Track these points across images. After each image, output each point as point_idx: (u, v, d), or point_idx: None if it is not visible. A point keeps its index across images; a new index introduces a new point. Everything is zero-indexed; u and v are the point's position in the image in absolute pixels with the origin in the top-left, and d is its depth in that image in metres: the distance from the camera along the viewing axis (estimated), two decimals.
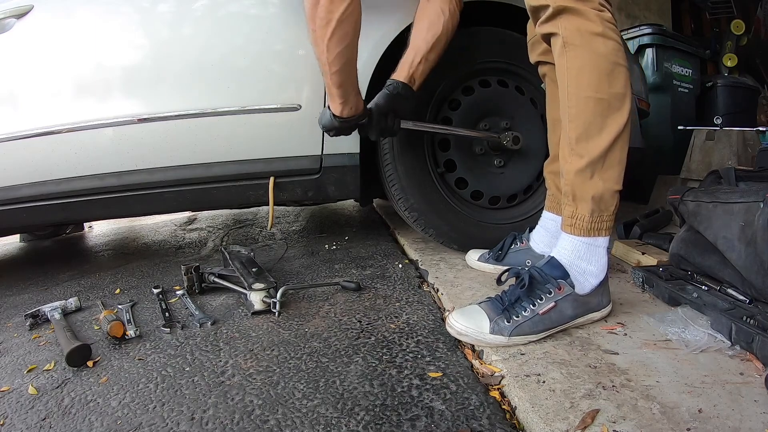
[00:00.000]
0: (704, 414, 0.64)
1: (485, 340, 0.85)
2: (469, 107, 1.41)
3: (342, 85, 1.12)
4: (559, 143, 0.95)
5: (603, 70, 0.86)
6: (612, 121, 0.87)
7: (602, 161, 0.88)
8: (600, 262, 0.92)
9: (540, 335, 0.87)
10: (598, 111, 0.87)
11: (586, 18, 0.86)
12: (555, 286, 0.88)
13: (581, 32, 0.86)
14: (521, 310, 0.86)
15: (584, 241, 0.91)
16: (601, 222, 0.91)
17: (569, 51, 0.87)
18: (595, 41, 0.86)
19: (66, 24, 1.37)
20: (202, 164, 1.41)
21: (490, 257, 1.28)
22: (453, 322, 0.89)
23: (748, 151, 1.78)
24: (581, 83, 0.87)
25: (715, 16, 3.23)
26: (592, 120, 0.87)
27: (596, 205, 0.90)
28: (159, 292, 1.32)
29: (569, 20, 0.86)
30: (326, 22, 1.03)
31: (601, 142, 0.87)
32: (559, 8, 0.86)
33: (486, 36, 1.43)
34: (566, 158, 0.92)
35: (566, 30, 0.87)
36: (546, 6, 0.88)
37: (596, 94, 0.86)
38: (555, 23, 0.88)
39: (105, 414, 0.79)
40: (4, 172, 1.40)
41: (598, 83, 0.86)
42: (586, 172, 0.89)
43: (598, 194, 0.89)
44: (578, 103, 0.88)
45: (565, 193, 0.93)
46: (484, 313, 0.88)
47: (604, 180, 0.89)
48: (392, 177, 1.38)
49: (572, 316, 0.89)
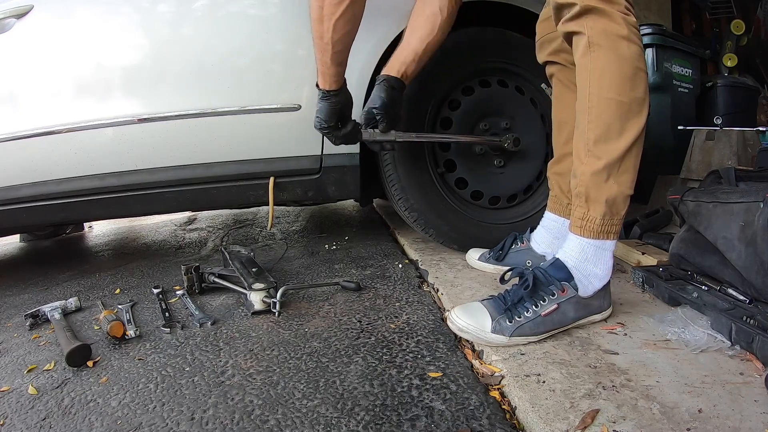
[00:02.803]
0: (704, 414, 0.64)
1: (486, 338, 0.86)
2: (469, 107, 1.41)
3: (342, 64, 1.15)
4: (574, 144, 0.94)
5: (626, 74, 0.86)
6: (631, 125, 0.87)
7: (619, 165, 0.88)
8: (606, 265, 0.92)
9: (540, 336, 0.87)
10: (618, 114, 0.86)
11: (612, 20, 0.85)
12: (558, 288, 0.88)
13: (607, 33, 0.85)
14: (523, 310, 0.86)
15: (593, 244, 0.91)
16: (611, 225, 0.91)
17: (594, 51, 0.86)
18: (620, 44, 0.85)
19: (66, 24, 1.37)
20: (203, 164, 1.41)
21: (491, 257, 1.28)
22: (455, 318, 0.89)
23: (748, 151, 1.78)
24: (603, 84, 0.86)
25: (715, 16, 3.23)
26: (613, 122, 0.87)
27: (609, 208, 0.90)
28: (159, 292, 1.32)
29: (595, 20, 0.86)
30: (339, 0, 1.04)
31: (620, 145, 0.87)
32: (587, 7, 0.85)
33: (486, 36, 1.43)
34: (582, 159, 0.91)
35: (592, 30, 0.86)
36: (573, 4, 0.86)
37: (618, 97, 0.86)
38: (580, 22, 0.87)
39: (105, 414, 0.79)
40: (5, 172, 1.40)
41: (620, 86, 0.86)
42: (602, 174, 0.88)
43: (612, 197, 0.89)
44: (600, 103, 0.87)
45: (577, 194, 0.92)
46: (486, 311, 0.88)
47: (618, 183, 0.89)
48: (392, 177, 1.38)
49: (574, 318, 0.89)
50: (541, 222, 1.25)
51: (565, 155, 1.17)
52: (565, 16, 0.89)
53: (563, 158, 1.19)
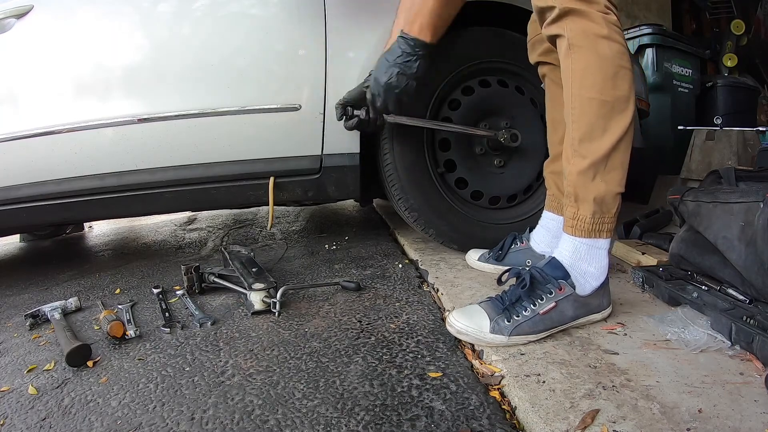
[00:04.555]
0: (704, 414, 0.64)
1: (485, 339, 0.86)
2: (469, 107, 1.41)
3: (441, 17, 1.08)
4: (563, 144, 0.95)
5: (607, 73, 0.87)
6: (615, 123, 0.87)
7: (605, 163, 0.89)
8: (600, 263, 0.92)
9: (540, 335, 0.87)
10: (601, 113, 0.87)
11: (591, 20, 0.86)
12: (556, 287, 0.88)
13: (586, 34, 0.86)
14: (521, 309, 0.87)
15: (585, 243, 0.92)
16: (602, 224, 0.91)
17: (574, 52, 0.88)
18: (600, 43, 0.86)
19: (66, 24, 1.37)
20: (203, 164, 1.41)
21: (491, 257, 1.28)
22: (453, 321, 0.90)
23: (748, 151, 1.78)
24: (585, 84, 0.88)
25: (715, 16, 3.23)
26: (595, 121, 0.88)
27: (598, 207, 0.90)
28: (159, 292, 1.32)
29: (575, 22, 0.87)
30: None
31: (603, 143, 0.88)
32: (565, 10, 0.86)
33: (486, 36, 1.43)
34: (569, 159, 0.92)
35: (572, 31, 0.87)
36: (552, 7, 0.88)
37: (600, 96, 0.87)
38: (560, 25, 0.88)
39: (105, 414, 0.79)
40: (5, 172, 1.40)
41: (602, 85, 0.87)
42: (588, 173, 0.89)
43: (600, 196, 0.90)
44: (582, 104, 0.88)
45: (567, 194, 0.94)
46: (484, 312, 0.88)
47: (606, 182, 0.90)
48: (392, 177, 1.38)
49: (572, 317, 0.90)
50: (540, 221, 1.25)
51: (560, 154, 1.15)
52: (546, 19, 0.91)
53: (558, 157, 1.18)
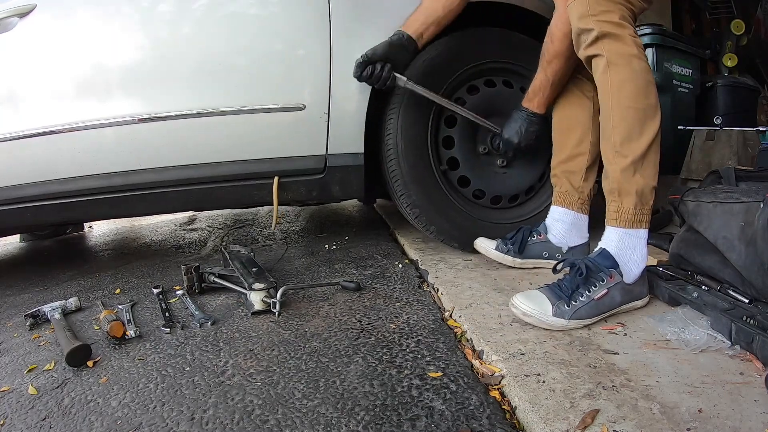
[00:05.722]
0: (704, 414, 0.64)
1: (547, 321, 0.92)
2: (474, 106, 1.41)
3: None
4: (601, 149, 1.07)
5: (640, 85, 1.01)
6: (648, 127, 1.01)
7: (642, 160, 1.01)
8: (642, 251, 1.02)
9: (593, 319, 0.94)
10: (637, 118, 1.01)
11: (624, 42, 1.00)
12: (607, 275, 0.97)
13: (621, 54, 1.01)
14: (579, 296, 0.94)
15: (629, 233, 1.02)
16: (642, 214, 1.02)
17: (612, 69, 1.01)
18: (633, 61, 1.01)
19: (68, 23, 1.37)
20: (207, 164, 1.41)
21: (511, 249, 1.28)
22: (518, 303, 0.94)
23: (748, 151, 1.77)
24: (623, 96, 1.01)
25: (715, 16, 3.23)
26: (633, 126, 1.01)
27: (639, 199, 1.01)
28: (159, 292, 1.32)
29: (611, 44, 1.01)
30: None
31: (641, 143, 1.00)
32: (603, 33, 1.00)
33: (494, 36, 1.43)
34: (611, 160, 1.04)
35: (609, 52, 1.01)
36: (590, 29, 1.01)
37: (635, 105, 1.01)
38: (598, 46, 1.01)
39: (105, 414, 0.79)
40: (9, 172, 1.40)
41: (636, 96, 1.01)
42: (629, 169, 1.01)
43: (640, 189, 1.01)
44: (621, 112, 1.02)
45: (610, 191, 1.04)
46: (546, 297, 0.95)
47: (644, 177, 1.01)
48: (395, 173, 1.39)
49: (620, 302, 0.98)
50: (552, 216, 1.30)
51: (578, 155, 1.27)
52: (584, 43, 1.04)
53: (575, 157, 1.28)
